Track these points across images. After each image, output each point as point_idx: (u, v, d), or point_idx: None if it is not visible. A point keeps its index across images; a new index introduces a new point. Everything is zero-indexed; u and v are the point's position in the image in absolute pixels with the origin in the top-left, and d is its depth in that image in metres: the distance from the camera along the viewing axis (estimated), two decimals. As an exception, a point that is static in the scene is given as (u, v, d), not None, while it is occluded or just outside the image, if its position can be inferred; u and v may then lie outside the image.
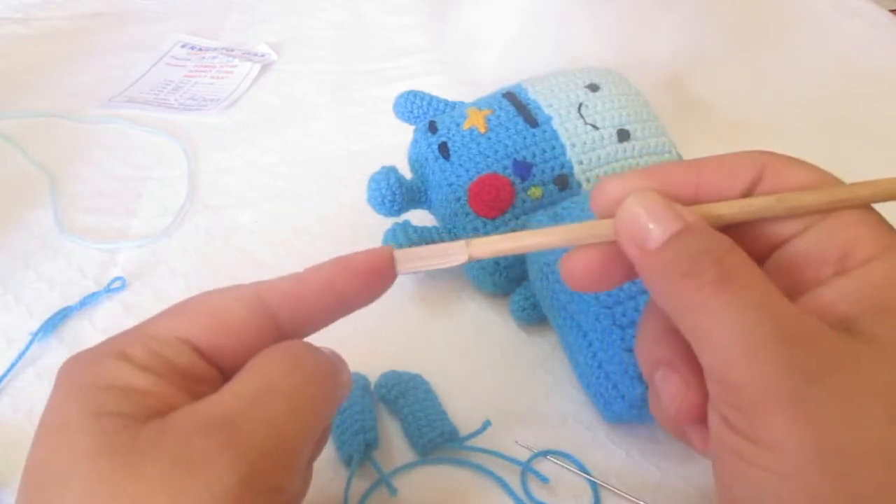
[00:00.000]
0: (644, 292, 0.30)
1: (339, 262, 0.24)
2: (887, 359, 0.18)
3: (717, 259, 0.20)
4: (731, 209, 0.22)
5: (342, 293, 0.24)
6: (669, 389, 0.23)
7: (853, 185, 0.21)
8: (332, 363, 0.24)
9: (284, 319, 0.23)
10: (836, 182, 0.22)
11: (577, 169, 0.38)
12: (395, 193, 0.38)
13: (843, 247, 0.21)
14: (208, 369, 0.22)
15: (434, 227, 0.39)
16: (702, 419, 0.22)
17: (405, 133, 0.42)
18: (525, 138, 0.38)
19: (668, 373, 0.23)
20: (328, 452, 0.32)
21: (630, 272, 0.23)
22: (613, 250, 0.22)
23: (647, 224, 0.21)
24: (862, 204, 0.21)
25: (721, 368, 0.19)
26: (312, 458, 0.26)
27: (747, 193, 0.22)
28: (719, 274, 0.20)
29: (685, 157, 0.41)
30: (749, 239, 0.22)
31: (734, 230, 0.22)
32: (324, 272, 0.24)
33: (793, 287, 0.21)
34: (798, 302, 0.21)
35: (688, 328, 0.20)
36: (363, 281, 0.24)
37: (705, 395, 0.22)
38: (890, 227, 0.21)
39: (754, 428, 0.19)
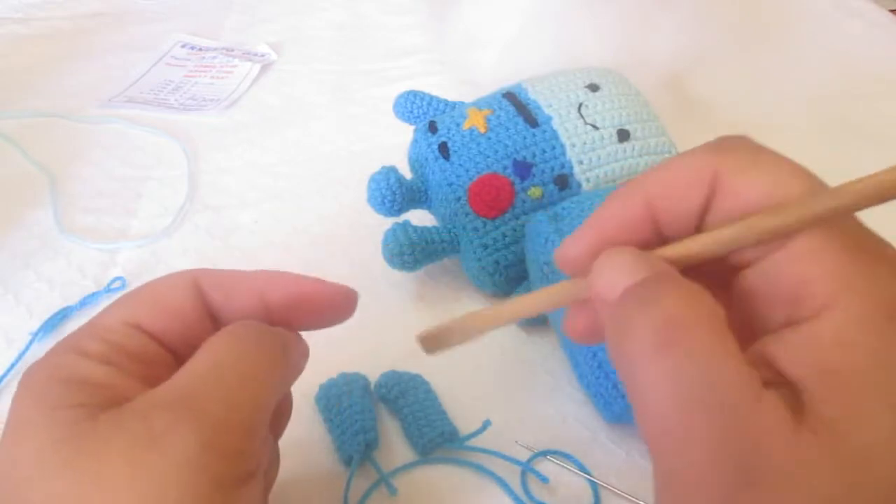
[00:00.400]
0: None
1: (280, 275, 0.25)
2: (833, 461, 0.16)
3: (662, 318, 0.18)
4: (697, 247, 0.20)
5: (269, 304, 0.25)
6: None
7: (829, 193, 0.18)
8: (278, 338, 0.24)
9: (214, 307, 0.24)
10: (805, 182, 0.19)
11: (577, 169, 0.38)
12: (395, 193, 0.38)
13: (794, 288, 0.18)
14: (159, 351, 0.23)
15: (434, 227, 0.39)
16: None
17: (405, 133, 0.42)
18: (525, 138, 0.38)
19: None
20: (328, 452, 0.32)
21: None
22: None
23: (609, 279, 0.20)
24: (841, 214, 0.18)
25: (655, 446, 0.18)
26: (276, 432, 0.27)
27: (703, 211, 0.20)
28: (662, 337, 0.17)
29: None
30: (715, 261, 0.20)
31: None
32: (260, 278, 0.25)
33: (749, 323, 0.19)
34: (750, 350, 0.19)
35: (630, 394, 0.18)
36: (294, 303, 0.25)
37: None
38: (855, 250, 0.18)
39: None
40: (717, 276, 0.20)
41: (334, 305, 0.26)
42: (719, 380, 0.17)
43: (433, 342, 0.24)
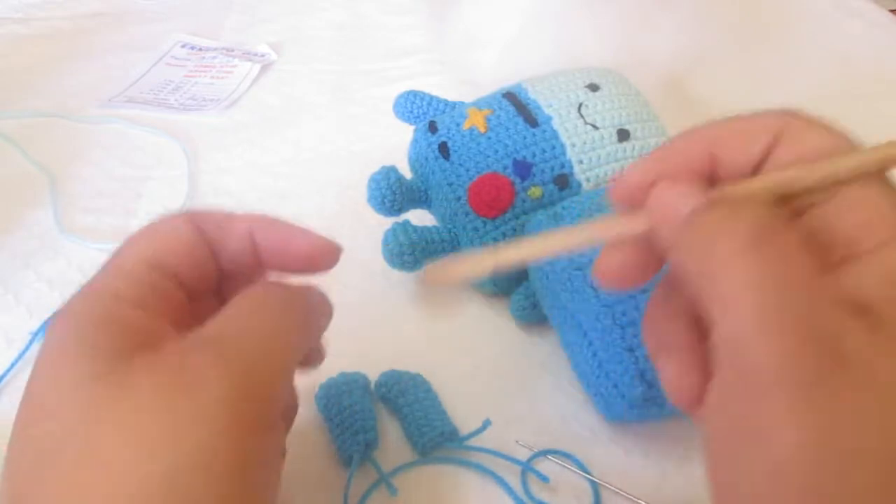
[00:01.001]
0: (644, 291, 0.30)
1: (268, 219, 0.26)
2: None
3: (751, 224, 0.19)
4: (756, 185, 0.21)
5: (258, 245, 0.26)
6: (668, 374, 0.23)
7: (886, 144, 0.20)
8: (303, 295, 0.25)
9: (212, 244, 0.25)
10: (856, 143, 0.20)
11: (577, 168, 0.38)
12: (395, 193, 0.38)
13: (851, 231, 0.20)
14: (176, 289, 0.24)
15: (434, 226, 0.39)
16: (700, 402, 0.22)
17: (405, 133, 0.42)
18: (525, 138, 0.38)
19: (669, 357, 0.23)
20: (328, 452, 0.32)
21: (661, 262, 0.23)
22: (644, 243, 0.22)
23: (680, 202, 0.21)
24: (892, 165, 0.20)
25: (735, 343, 0.18)
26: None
27: (762, 160, 0.21)
28: (752, 239, 0.19)
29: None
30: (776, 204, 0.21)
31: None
32: (249, 219, 0.26)
33: None
34: None
35: (710, 298, 0.19)
36: (280, 247, 0.26)
37: (704, 380, 0.21)
38: None
39: (757, 413, 0.18)
40: None
41: (317, 256, 0.27)
42: (806, 278, 0.18)
43: (439, 275, 0.24)
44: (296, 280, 0.26)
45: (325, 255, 0.27)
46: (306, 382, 0.27)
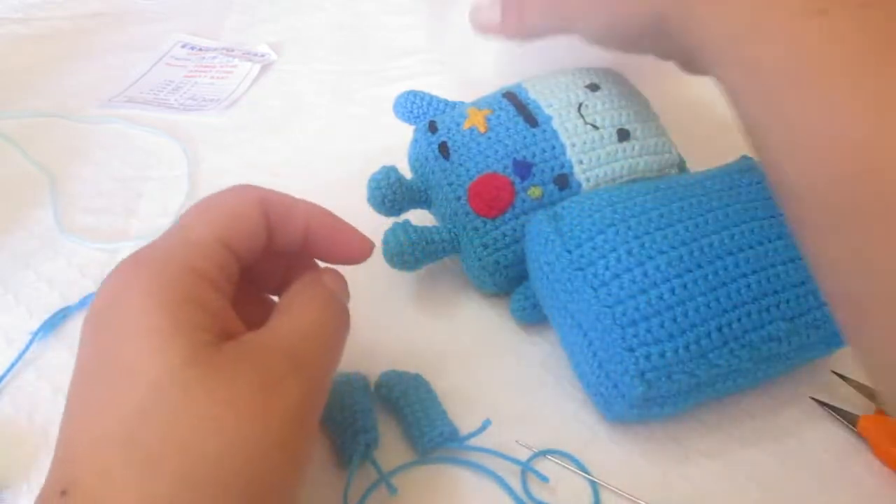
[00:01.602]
0: (644, 292, 0.30)
1: (321, 210, 0.28)
2: None
3: None
4: None
5: (309, 234, 0.28)
6: None
7: None
8: (344, 302, 0.28)
9: (273, 228, 0.27)
10: None
11: (576, 168, 0.38)
12: (395, 193, 0.38)
13: None
14: (237, 270, 0.25)
15: (434, 226, 0.39)
16: None
17: (405, 133, 0.42)
18: (525, 138, 0.38)
19: None
20: (328, 452, 0.32)
21: None
22: None
23: None
24: None
25: None
26: None
27: None
28: None
29: (685, 157, 0.41)
30: None
31: None
32: (306, 208, 0.27)
33: None
34: None
35: None
36: (327, 237, 0.28)
37: None
38: None
39: None
40: None
41: (357, 251, 0.30)
42: None
43: None
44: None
45: (363, 251, 0.30)
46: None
